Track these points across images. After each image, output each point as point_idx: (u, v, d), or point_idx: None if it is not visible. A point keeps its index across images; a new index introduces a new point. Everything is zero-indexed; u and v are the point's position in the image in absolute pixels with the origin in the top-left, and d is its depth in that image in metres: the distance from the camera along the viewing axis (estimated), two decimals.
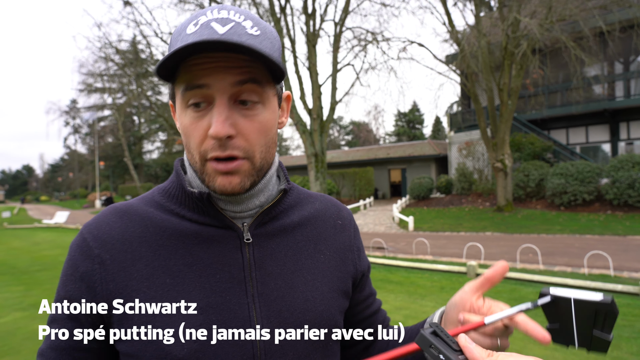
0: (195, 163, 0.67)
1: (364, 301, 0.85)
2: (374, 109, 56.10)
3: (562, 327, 0.62)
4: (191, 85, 0.63)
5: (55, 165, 79.45)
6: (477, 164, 18.88)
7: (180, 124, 0.67)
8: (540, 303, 0.62)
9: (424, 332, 0.52)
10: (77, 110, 53.03)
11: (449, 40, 16.52)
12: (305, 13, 15.20)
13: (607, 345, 0.58)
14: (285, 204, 0.77)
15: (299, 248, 0.76)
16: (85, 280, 0.67)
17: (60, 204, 52.67)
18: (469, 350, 0.49)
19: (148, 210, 0.72)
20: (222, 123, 0.62)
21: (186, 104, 0.65)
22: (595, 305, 0.57)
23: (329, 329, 0.73)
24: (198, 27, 0.62)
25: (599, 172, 13.66)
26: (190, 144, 0.66)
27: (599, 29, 13.25)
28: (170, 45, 0.67)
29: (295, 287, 0.72)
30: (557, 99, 17.77)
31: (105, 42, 20.10)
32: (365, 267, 0.85)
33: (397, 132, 55.60)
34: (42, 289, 7.03)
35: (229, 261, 0.69)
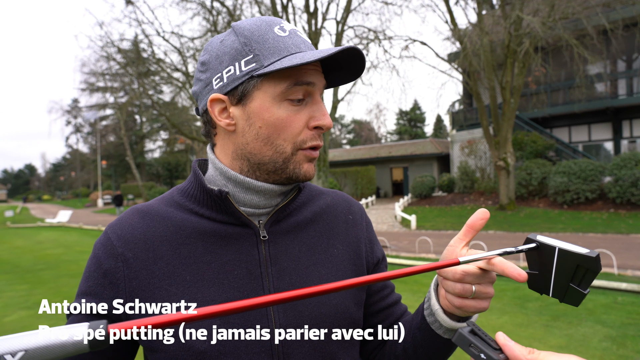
0: (282, 153, 0.72)
1: (378, 293, 0.86)
2: (376, 108, 56.05)
3: (540, 275, 0.62)
4: (301, 82, 0.69)
5: (57, 165, 79.61)
6: (479, 162, 18.85)
7: (270, 116, 0.70)
8: (525, 248, 0.61)
9: (463, 332, 0.52)
10: (79, 109, 53.12)
11: (451, 38, 16.47)
12: (307, 12, 15.19)
13: (581, 299, 0.58)
14: (298, 201, 0.80)
15: (313, 243, 0.78)
16: (108, 277, 0.71)
17: (62, 203, 52.77)
18: (508, 348, 0.48)
19: (168, 210, 0.75)
20: (329, 116, 0.72)
21: (284, 98, 0.70)
22: (579, 258, 0.56)
23: (344, 321, 0.76)
24: (288, 33, 0.71)
25: (602, 171, 13.63)
26: (284, 134, 0.71)
27: (602, 27, 13.21)
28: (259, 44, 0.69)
29: (310, 281, 0.74)
30: (560, 97, 17.73)
31: (107, 41, 20.10)
32: (377, 258, 0.87)
33: (398, 130, 55.55)
34: (46, 288, 7.05)
35: (246, 258, 0.72)
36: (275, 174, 0.73)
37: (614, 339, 3.94)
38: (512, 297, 5.47)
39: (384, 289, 0.87)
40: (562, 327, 4.34)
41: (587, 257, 0.55)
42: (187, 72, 19.56)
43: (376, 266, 0.86)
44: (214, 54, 0.72)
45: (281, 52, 0.68)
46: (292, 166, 0.72)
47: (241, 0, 16.66)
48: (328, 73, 0.77)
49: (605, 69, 16.28)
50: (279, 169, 0.72)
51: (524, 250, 0.61)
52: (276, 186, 0.74)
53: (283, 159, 0.71)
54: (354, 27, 16.18)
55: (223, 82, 0.70)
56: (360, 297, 0.81)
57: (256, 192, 0.74)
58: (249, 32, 0.69)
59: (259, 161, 0.72)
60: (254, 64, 0.68)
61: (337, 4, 15.86)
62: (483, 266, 0.62)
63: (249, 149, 0.72)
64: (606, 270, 6.61)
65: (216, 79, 0.71)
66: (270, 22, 0.71)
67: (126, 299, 0.70)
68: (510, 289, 5.85)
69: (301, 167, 0.72)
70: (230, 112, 0.72)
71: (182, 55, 18.88)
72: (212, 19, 17.22)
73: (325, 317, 0.73)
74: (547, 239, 0.61)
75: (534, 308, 4.98)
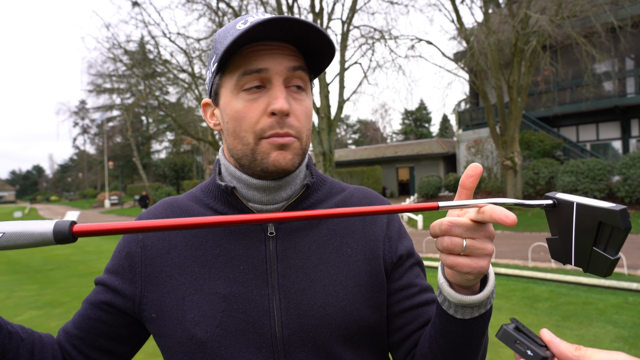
0: (247, 145, 0.70)
1: (401, 291, 0.79)
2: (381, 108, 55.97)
3: (561, 240, 0.54)
4: (250, 70, 0.67)
5: (64, 166, 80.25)
6: (486, 162, 18.76)
7: (230, 109, 0.71)
8: (539, 203, 0.54)
9: (507, 328, 0.50)
10: (86, 110, 53.48)
11: (457, 37, 16.42)
12: (313, 12, 15.20)
13: (608, 267, 0.48)
14: (314, 198, 0.79)
15: (324, 242, 0.76)
16: (129, 259, 0.77)
17: (70, 204, 53.18)
18: (554, 345, 0.47)
19: (189, 203, 0.80)
20: (284, 99, 0.68)
21: (240, 89, 0.69)
22: (601, 213, 0.48)
23: (353, 324, 0.73)
24: (248, 24, 0.65)
25: (610, 170, 13.51)
26: (243, 125, 0.70)
27: (611, 25, 13.09)
28: (220, 43, 0.70)
29: (317, 280, 0.73)
30: (567, 96, 17.61)
31: (114, 43, 20.21)
32: (397, 255, 0.80)
33: (404, 130, 55.44)
34: (56, 288, 7.11)
35: (253, 253, 0.73)
36: (251, 167, 0.72)
37: (625, 339, 3.91)
38: (521, 297, 5.44)
39: (408, 288, 0.80)
40: (572, 327, 4.30)
41: (610, 211, 0.47)
42: (193, 73, 19.63)
43: (397, 264, 0.80)
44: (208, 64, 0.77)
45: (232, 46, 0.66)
46: (259, 157, 0.70)
47: (247, 1, 16.69)
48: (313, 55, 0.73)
49: (613, 67, 16.13)
50: (251, 162, 0.71)
51: (538, 205, 0.54)
52: (271, 182, 0.73)
53: (250, 151, 0.70)
54: (360, 27, 16.17)
55: (207, 87, 0.77)
56: (378, 299, 0.77)
57: (255, 189, 0.74)
58: (217, 35, 0.72)
59: (237, 157, 0.73)
60: (217, 64, 0.69)
61: (342, 3, 15.86)
62: (475, 217, 0.56)
63: (229, 145, 0.74)
64: (617, 270, 6.55)
65: (207, 86, 0.77)
66: (239, 19, 0.71)
67: (141, 282, 0.75)
68: (520, 289, 5.82)
69: (269, 157, 0.69)
70: (215, 113, 0.77)
71: (188, 56, 18.96)
72: (218, 19, 17.28)
73: (331, 319, 0.71)
74: (567, 195, 0.53)
75: (543, 308, 4.95)
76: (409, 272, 0.81)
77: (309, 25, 0.65)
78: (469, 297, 0.62)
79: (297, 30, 0.66)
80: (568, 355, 0.45)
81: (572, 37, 12.77)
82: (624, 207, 0.46)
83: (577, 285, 5.81)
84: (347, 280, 0.75)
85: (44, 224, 0.46)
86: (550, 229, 0.56)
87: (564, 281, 5.99)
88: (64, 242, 0.45)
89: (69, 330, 0.78)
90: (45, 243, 0.45)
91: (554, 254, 0.57)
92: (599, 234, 0.49)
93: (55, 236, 0.45)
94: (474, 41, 13.94)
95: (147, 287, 0.74)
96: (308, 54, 0.73)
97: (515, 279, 6.40)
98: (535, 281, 6.20)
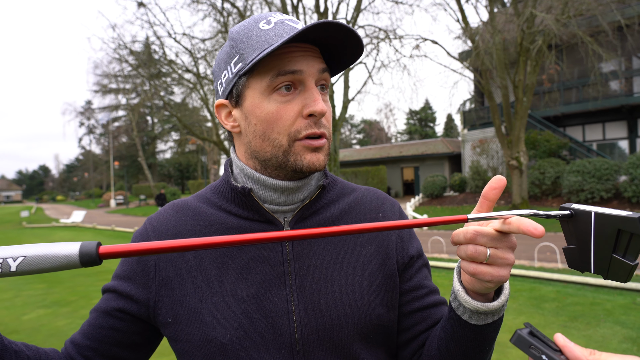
0: (279, 147, 0.70)
1: (410, 292, 0.80)
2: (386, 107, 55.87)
3: (579, 249, 0.55)
4: (284, 71, 0.67)
5: (70, 166, 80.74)
6: (491, 161, 18.68)
7: (261, 111, 0.69)
8: (558, 214, 0.56)
9: (522, 333, 0.51)
10: (92, 111, 53.78)
11: (462, 37, 16.37)
12: (318, 11, 15.21)
13: (628, 272, 0.50)
14: (326, 198, 0.79)
15: (339, 242, 0.77)
16: (141, 264, 0.75)
17: (76, 204, 53.50)
18: (569, 350, 0.47)
19: (200, 206, 0.79)
20: (321, 102, 0.68)
21: (272, 91, 0.68)
22: (620, 221, 0.50)
23: (369, 323, 0.74)
24: (273, 25, 0.68)
25: (617, 169, 13.42)
26: (276, 127, 0.69)
27: (617, 24, 13.01)
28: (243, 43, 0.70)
29: (334, 280, 0.74)
30: (573, 95, 17.50)
31: (119, 43, 20.30)
32: (409, 256, 0.82)
33: (408, 130, 55.33)
34: (63, 287, 7.16)
35: (270, 254, 0.73)
36: (281, 169, 0.72)
37: (634, 340, 3.88)
38: (528, 297, 5.41)
39: (418, 289, 0.81)
40: (580, 327, 4.28)
41: (629, 219, 0.49)
42: (198, 73, 19.68)
43: (408, 265, 0.81)
44: (217, 62, 0.75)
45: (262, 46, 0.67)
46: (292, 158, 0.70)
47: (252, 1, 16.72)
48: (333, 57, 0.74)
49: (620, 66, 16.01)
50: (282, 163, 0.71)
51: (556, 216, 0.56)
52: (291, 182, 0.73)
53: (282, 153, 0.70)
54: (365, 26, 16.15)
55: (223, 87, 0.73)
56: (391, 298, 0.78)
57: (274, 190, 0.74)
58: (236, 34, 0.71)
59: (263, 158, 0.72)
60: (241, 64, 0.69)
61: (347, 3, 15.85)
62: (499, 228, 0.57)
63: (253, 147, 0.72)
64: None
65: (219, 85, 0.74)
66: (258, 18, 0.70)
67: (155, 286, 0.74)
68: (526, 289, 5.79)
69: (303, 159, 0.69)
70: (233, 114, 0.74)
71: (193, 56, 19.01)
72: (222, 20, 17.32)
73: (349, 318, 0.72)
74: (582, 206, 0.55)
75: (550, 308, 4.92)
76: (418, 274, 0.83)
77: (349, 30, 0.66)
78: (485, 304, 0.63)
79: (331, 32, 0.66)
80: (582, 359, 0.45)
81: (578, 36, 12.69)
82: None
83: (584, 286, 5.77)
84: (362, 279, 0.75)
85: (68, 247, 0.43)
86: (566, 238, 0.58)
87: (570, 281, 5.96)
88: (91, 264, 0.43)
89: (78, 341, 0.75)
90: (71, 266, 0.43)
91: (571, 263, 0.57)
92: (617, 241, 0.51)
93: (82, 259, 0.43)
94: (479, 40, 13.89)
95: (161, 291, 0.73)
96: (329, 54, 0.74)
97: (522, 279, 6.37)
98: (542, 281, 6.17)
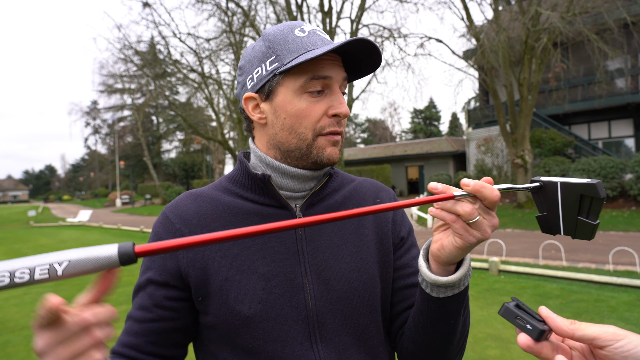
0: (305, 140, 0.79)
1: (398, 270, 0.89)
2: (390, 106, 55.78)
3: (549, 215, 0.63)
4: (318, 76, 0.77)
5: (76, 165, 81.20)
6: (496, 160, 18.64)
7: (292, 107, 0.79)
8: (529, 186, 0.63)
9: (509, 305, 0.55)
10: (97, 110, 54.07)
11: (467, 35, 16.33)
12: (322, 11, 15.24)
13: (592, 231, 0.58)
14: (330, 187, 0.89)
15: (344, 224, 0.87)
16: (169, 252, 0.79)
17: (82, 203, 53.84)
18: (551, 320, 0.51)
19: (217, 194, 0.86)
20: (345, 105, 0.80)
21: (304, 91, 0.78)
22: (582, 187, 0.58)
23: (374, 295, 0.84)
24: (307, 33, 0.79)
25: (623, 168, 13.36)
26: (304, 122, 0.79)
27: (623, 21, 12.94)
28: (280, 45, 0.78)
29: (342, 258, 0.83)
30: (579, 93, 17.42)
31: (125, 44, 20.45)
32: (400, 237, 0.91)
33: (413, 129, 55.22)
34: (71, 285, 7.26)
35: (285, 236, 0.81)
36: (302, 159, 0.81)
37: None
38: (532, 294, 5.43)
39: (404, 268, 0.90)
40: None
41: (588, 185, 0.57)
42: (203, 73, 19.78)
43: (398, 245, 0.91)
44: (247, 58, 0.83)
45: (299, 51, 0.76)
46: (315, 151, 0.79)
47: (256, 1, 16.78)
48: (350, 66, 0.85)
49: (626, 63, 15.93)
50: (304, 154, 0.80)
51: (528, 189, 0.64)
52: (307, 171, 0.82)
53: (307, 145, 0.79)
54: (369, 25, 16.18)
55: (254, 82, 0.81)
56: (388, 274, 0.88)
57: (291, 177, 0.83)
58: (272, 36, 0.79)
59: (287, 149, 0.81)
60: (277, 64, 0.77)
61: (351, 2, 15.86)
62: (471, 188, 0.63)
63: (278, 138, 0.81)
64: (629, 268, 6.51)
65: (249, 80, 0.82)
66: (293, 25, 0.80)
67: (185, 268, 0.79)
68: (530, 286, 5.81)
69: (324, 151, 0.80)
70: (261, 107, 0.82)
71: (198, 56, 19.10)
72: (227, 19, 17.40)
73: (356, 292, 0.81)
74: (549, 177, 0.63)
75: (554, 305, 4.94)
76: (407, 254, 0.92)
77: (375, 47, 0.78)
78: (442, 277, 0.70)
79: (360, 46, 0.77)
80: (564, 328, 0.49)
81: (584, 33, 12.64)
82: (599, 180, 0.57)
83: (588, 283, 5.78)
84: (366, 256, 0.85)
85: (107, 249, 0.48)
86: (538, 207, 0.65)
87: (575, 279, 5.96)
88: (129, 263, 0.48)
89: (134, 342, 0.78)
90: (111, 266, 0.48)
91: (544, 228, 0.65)
92: (581, 205, 0.59)
93: (121, 259, 0.48)
94: (484, 39, 13.87)
95: (190, 272, 0.78)
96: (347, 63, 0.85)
97: (526, 276, 6.39)
98: (547, 279, 6.18)
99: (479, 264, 7.17)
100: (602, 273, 6.26)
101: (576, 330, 0.48)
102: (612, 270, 6.45)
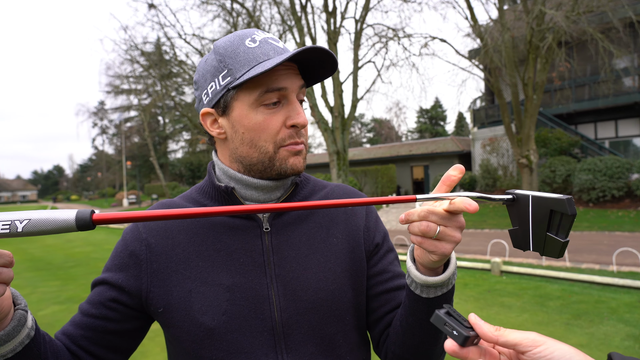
0: (266, 153, 0.79)
1: (375, 277, 0.89)
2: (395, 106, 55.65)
3: (520, 229, 0.62)
4: (272, 88, 0.76)
5: (84, 166, 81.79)
6: (501, 160, 18.56)
7: (249, 121, 0.78)
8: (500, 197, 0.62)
9: (439, 313, 0.57)
10: (104, 111, 54.46)
11: (471, 34, 16.28)
12: (326, 11, 15.25)
13: (560, 248, 0.56)
14: (300, 195, 0.88)
15: (313, 234, 0.85)
16: (133, 258, 0.83)
17: (89, 203, 54.27)
18: (478, 327, 0.53)
19: (185, 204, 0.87)
20: (303, 115, 0.79)
21: (260, 104, 0.77)
22: (551, 202, 0.56)
23: (342, 305, 0.83)
24: (258, 43, 0.77)
25: (629, 168, 13.26)
26: (263, 135, 0.78)
27: (629, 20, 12.84)
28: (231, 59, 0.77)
29: (309, 268, 0.82)
30: (585, 92, 17.29)
31: (131, 45, 20.63)
32: (374, 244, 0.90)
33: (419, 129, 55.05)
34: (77, 284, 7.35)
35: (251, 247, 0.82)
36: (265, 172, 0.80)
37: (636, 337, 3.89)
38: (532, 295, 5.43)
39: (382, 274, 0.89)
40: (583, 325, 4.30)
41: (558, 200, 0.55)
42: None
43: (373, 252, 0.90)
44: (201, 73, 0.82)
45: (250, 63, 0.75)
46: (278, 163, 0.79)
47: (260, 1, 16.83)
48: (307, 71, 0.84)
49: (632, 62, 15.80)
50: (267, 167, 0.79)
51: (500, 200, 0.62)
52: (271, 182, 0.82)
53: (269, 158, 0.79)
54: (373, 25, 16.15)
55: (209, 97, 0.80)
56: (360, 282, 0.87)
57: (255, 188, 0.82)
58: (223, 49, 0.78)
59: (249, 163, 0.80)
60: (229, 78, 0.76)
61: (355, 2, 15.83)
62: (447, 208, 0.63)
63: (239, 152, 0.80)
64: (633, 269, 6.48)
65: (204, 95, 0.81)
66: (243, 35, 0.78)
67: (147, 278, 0.81)
68: (532, 287, 5.80)
69: (287, 162, 0.79)
70: (219, 122, 0.81)
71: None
72: (232, 20, 17.46)
73: (323, 302, 0.81)
74: (522, 191, 0.62)
75: (554, 307, 4.94)
76: (384, 259, 0.91)
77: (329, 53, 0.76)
78: (432, 278, 0.72)
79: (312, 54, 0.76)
80: (489, 334, 0.53)
81: (589, 33, 12.55)
82: (569, 196, 0.55)
83: (590, 285, 5.76)
84: (335, 266, 0.84)
85: (66, 212, 0.50)
86: (511, 221, 0.64)
87: (577, 280, 5.95)
88: (85, 228, 0.51)
89: (71, 332, 0.80)
90: (68, 229, 0.51)
91: (515, 243, 0.64)
92: (551, 221, 0.57)
93: (77, 223, 0.50)
94: (488, 38, 13.80)
95: (153, 282, 0.80)
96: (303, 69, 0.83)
97: (528, 277, 6.38)
98: (549, 280, 6.17)
99: (481, 265, 7.17)
100: (605, 274, 6.24)
101: (500, 337, 0.52)
102: (615, 271, 6.43)
